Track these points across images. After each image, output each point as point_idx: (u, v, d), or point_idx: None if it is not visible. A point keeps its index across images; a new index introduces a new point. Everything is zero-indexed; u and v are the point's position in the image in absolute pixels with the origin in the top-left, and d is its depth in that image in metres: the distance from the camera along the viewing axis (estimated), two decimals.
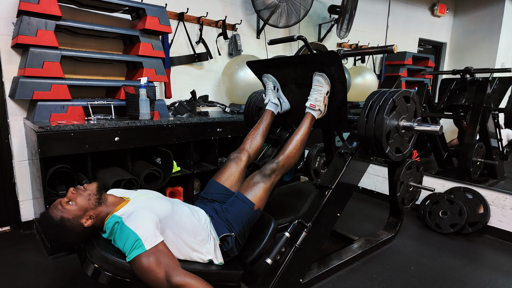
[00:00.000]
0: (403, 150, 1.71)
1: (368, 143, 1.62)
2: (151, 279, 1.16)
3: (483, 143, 2.90)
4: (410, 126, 1.62)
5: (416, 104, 1.69)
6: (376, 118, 1.56)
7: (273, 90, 1.91)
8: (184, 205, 1.53)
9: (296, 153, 1.67)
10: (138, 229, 1.20)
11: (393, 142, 1.63)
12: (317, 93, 1.64)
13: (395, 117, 1.60)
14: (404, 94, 1.61)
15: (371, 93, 1.65)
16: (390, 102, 1.55)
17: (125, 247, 1.20)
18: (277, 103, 1.91)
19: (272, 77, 1.91)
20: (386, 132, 1.57)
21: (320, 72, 1.64)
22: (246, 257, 1.56)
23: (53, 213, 1.27)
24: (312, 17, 3.83)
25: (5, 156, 2.24)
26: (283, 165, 1.64)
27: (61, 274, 1.84)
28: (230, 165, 1.76)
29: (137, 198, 1.41)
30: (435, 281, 1.84)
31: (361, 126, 1.62)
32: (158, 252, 1.19)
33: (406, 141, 1.73)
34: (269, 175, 1.61)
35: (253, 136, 1.87)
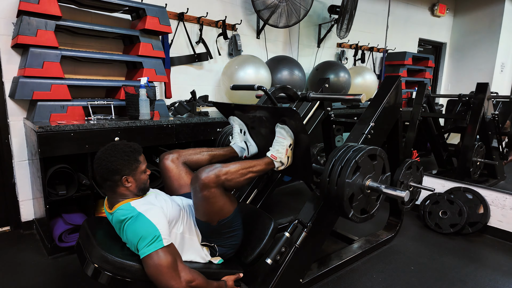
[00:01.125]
0: (369, 210, 1.55)
1: (331, 205, 1.50)
2: (164, 276, 1.17)
3: (483, 143, 2.90)
4: (376, 188, 1.47)
5: (383, 160, 1.54)
6: (337, 181, 1.41)
7: (239, 134, 1.79)
8: (191, 201, 1.51)
9: (238, 177, 1.39)
10: (158, 224, 1.21)
11: (357, 204, 1.48)
12: (279, 145, 1.54)
13: (359, 178, 1.45)
14: (369, 153, 1.47)
15: (335, 149, 1.52)
16: (353, 164, 1.40)
17: (142, 238, 1.19)
18: (243, 147, 1.78)
19: (238, 120, 1.79)
20: (349, 195, 1.42)
21: (282, 124, 1.54)
22: (246, 257, 1.56)
23: (142, 157, 1.36)
24: (312, 17, 3.84)
25: (5, 156, 2.24)
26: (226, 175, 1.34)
27: (61, 274, 1.84)
28: (171, 169, 1.62)
29: (149, 196, 1.41)
30: (435, 281, 1.84)
31: (324, 186, 1.47)
32: (172, 249, 1.22)
33: (374, 200, 1.56)
34: (206, 186, 1.31)
35: (201, 151, 1.70)
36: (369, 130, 1.75)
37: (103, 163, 1.29)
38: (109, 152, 1.30)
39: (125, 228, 1.25)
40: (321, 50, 4.00)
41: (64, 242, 2.00)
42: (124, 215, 1.27)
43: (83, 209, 2.16)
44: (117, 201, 1.33)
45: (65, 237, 2.01)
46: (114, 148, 1.32)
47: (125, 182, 1.31)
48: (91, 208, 2.08)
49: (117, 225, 1.32)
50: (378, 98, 1.88)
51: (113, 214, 1.33)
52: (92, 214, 2.09)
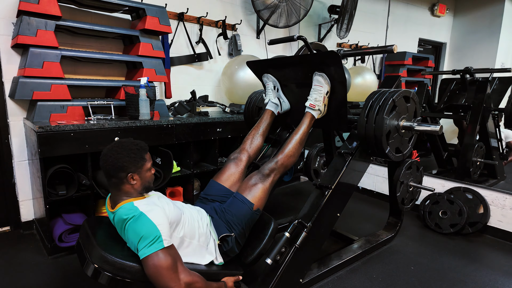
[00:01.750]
0: (403, 150, 1.71)
1: (368, 143, 1.62)
2: (163, 278, 1.17)
3: (483, 143, 2.90)
4: (410, 126, 1.61)
5: (416, 104, 1.69)
6: (376, 118, 1.55)
7: (273, 90, 1.91)
8: (192, 209, 1.54)
9: (295, 152, 1.66)
10: (160, 225, 1.22)
11: (393, 142, 1.62)
12: (317, 93, 1.64)
13: (395, 117, 1.59)
14: (404, 94, 1.61)
15: (371, 93, 1.65)
16: (390, 102, 1.54)
17: (142, 238, 1.19)
18: (277, 103, 1.91)
19: (272, 77, 1.90)
20: (386, 132, 1.56)
21: (320, 72, 1.63)
22: (246, 257, 1.56)
23: (148, 155, 1.38)
24: (312, 17, 3.83)
25: (5, 156, 2.24)
26: (282, 164, 1.64)
27: (61, 274, 1.84)
28: (230, 166, 1.76)
29: (152, 197, 1.41)
30: (435, 281, 1.84)
31: (361, 126, 1.61)
32: (172, 251, 1.23)
33: (406, 141, 1.72)
34: (268, 174, 1.60)
35: (253, 136, 1.87)
36: None
37: (110, 160, 1.29)
38: (115, 149, 1.31)
39: (127, 227, 1.25)
40: None
41: (64, 242, 2.00)
42: (126, 214, 1.27)
43: (83, 209, 2.16)
44: (120, 199, 1.33)
45: (65, 237, 2.01)
46: (121, 145, 1.32)
47: (130, 180, 1.31)
48: (91, 208, 2.08)
49: (118, 224, 1.32)
50: None
51: (115, 213, 1.32)
52: (92, 214, 2.09)
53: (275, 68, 1.87)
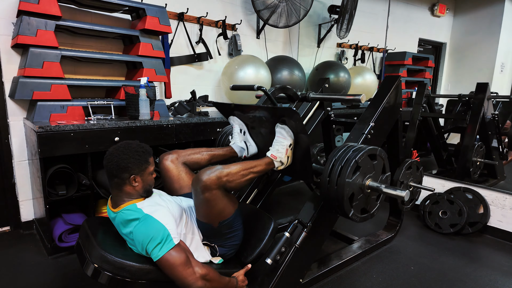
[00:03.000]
0: (370, 210, 1.56)
1: (331, 205, 1.50)
2: (181, 273, 1.19)
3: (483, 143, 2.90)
4: (376, 187, 1.47)
5: (383, 160, 1.55)
6: (338, 180, 1.41)
7: (239, 133, 1.79)
8: (190, 201, 1.52)
9: (239, 178, 1.39)
10: (167, 224, 1.22)
11: (357, 204, 1.48)
12: (279, 145, 1.54)
13: (359, 178, 1.46)
14: (369, 153, 1.47)
15: (335, 149, 1.53)
16: (353, 164, 1.41)
17: (152, 240, 1.19)
18: (243, 147, 1.78)
19: (239, 120, 1.79)
20: (349, 195, 1.43)
21: (282, 124, 1.54)
22: (246, 257, 1.56)
23: (152, 158, 1.37)
24: (312, 17, 3.83)
25: (5, 156, 2.24)
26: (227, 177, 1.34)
27: (61, 274, 1.84)
28: (170, 170, 1.63)
29: (154, 196, 1.41)
30: (435, 281, 1.84)
31: (324, 186, 1.48)
32: (182, 246, 1.25)
33: (374, 199, 1.57)
34: (207, 188, 1.30)
35: (200, 151, 1.70)
36: (369, 130, 1.75)
37: (115, 159, 1.29)
38: (121, 149, 1.31)
39: (133, 230, 1.25)
40: (321, 50, 4.00)
41: (64, 242, 2.00)
42: (131, 216, 1.27)
43: (83, 209, 2.16)
44: (122, 200, 1.33)
45: (65, 237, 2.01)
46: (127, 146, 1.33)
47: (132, 181, 1.31)
48: (91, 208, 2.08)
49: (121, 224, 1.32)
50: (378, 98, 1.88)
51: (117, 214, 1.33)
52: (92, 214, 2.09)
53: (241, 111, 1.75)
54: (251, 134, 1.80)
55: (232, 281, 1.39)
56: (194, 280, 1.21)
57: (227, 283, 1.36)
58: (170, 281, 1.24)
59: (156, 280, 1.26)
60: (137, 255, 1.28)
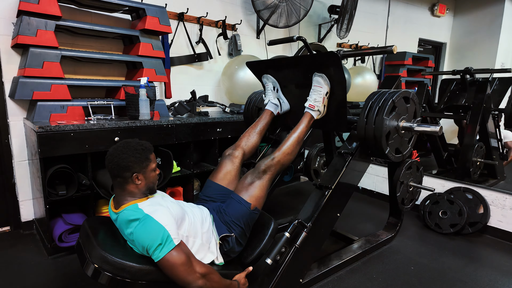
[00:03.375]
0: (402, 151, 1.71)
1: (368, 144, 1.62)
2: (182, 273, 1.20)
3: (483, 143, 2.90)
4: (409, 126, 1.61)
5: (416, 104, 1.69)
6: (375, 119, 1.55)
7: (272, 91, 1.90)
8: (195, 208, 1.54)
9: (293, 150, 1.65)
10: (167, 225, 1.23)
11: (392, 142, 1.62)
12: (316, 94, 1.64)
13: (394, 118, 1.59)
14: (403, 95, 1.60)
15: (371, 93, 1.65)
16: (390, 103, 1.54)
17: (152, 241, 1.19)
18: (277, 104, 1.91)
19: (272, 78, 1.90)
20: (386, 133, 1.56)
21: (320, 73, 1.63)
22: (246, 257, 1.56)
23: (152, 155, 1.39)
24: (312, 17, 3.83)
25: (5, 156, 2.24)
26: (279, 161, 1.62)
27: (61, 274, 1.84)
28: (226, 163, 1.75)
29: (156, 197, 1.41)
30: (435, 281, 1.84)
31: (361, 126, 1.61)
32: (183, 247, 1.25)
33: (406, 141, 1.72)
34: (264, 171, 1.59)
35: (250, 134, 1.86)
36: None
37: (115, 159, 1.30)
38: (121, 149, 1.32)
39: (134, 231, 1.25)
40: None
41: (64, 242, 2.00)
42: (131, 216, 1.27)
43: (83, 209, 2.16)
44: (124, 199, 1.33)
45: (65, 237, 2.01)
46: (127, 145, 1.33)
47: (135, 180, 1.31)
48: (91, 208, 2.08)
49: (122, 225, 1.32)
50: None
51: (118, 214, 1.33)
52: (92, 214, 2.09)
53: (274, 69, 1.86)
54: (283, 92, 1.92)
55: (233, 284, 1.39)
56: (194, 279, 1.22)
57: (229, 285, 1.36)
58: (170, 281, 1.24)
59: (156, 281, 1.26)
60: (138, 256, 1.28)
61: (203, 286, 1.23)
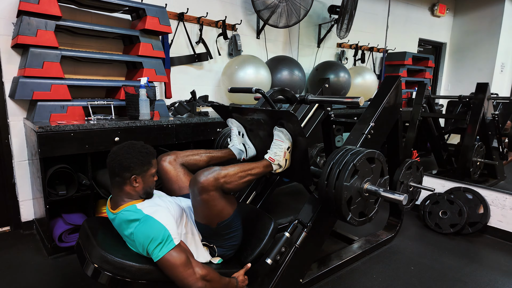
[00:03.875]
0: (368, 213, 1.55)
1: (329, 208, 1.50)
2: (181, 274, 1.20)
3: (483, 143, 2.90)
4: (375, 191, 1.46)
5: (382, 163, 1.54)
6: (336, 184, 1.41)
7: (238, 136, 1.77)
8: (190, 202, 1.52)
9: (235, 180, 1.38)
10: (168, 225, 1.22)
11: (355, 207, 1.48)
12: (277, 148, 1.54)
13: (357, 181, 1.45)
14: (367, 156, 1.46)
15: (333, 152, 1.52)
16: (351, 167, 1.40)
17: (153, 241, 1.19)
18: (242, 149, 1.77)
19: (237, 122, 1.78)
20: (347, 199, 1.42)
21: (280, 127, 1.53)
22: (246, 257, 1.56)
23: (154, 160, 1.37)
24: (312, 17, 3.84)
25: (5, 156, 2.24)
26: (224, 178, 1.33)
27: (61, 274, 1.84)
28: (169, 171, 1.62)
29: (153, 197, 1.41)
30: (435, 281, 1.84)
31: (322, 189, 1.47)
32: (183, 247, 1.25)
33: (372, 203, 1.56)
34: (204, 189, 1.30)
35: (199, 153, 1.70)
36: (369, 130, 1.76)
37: (118, 158, 1.29)
38: (125, 149, 1.31)
39: (134, 231, 1.25)
40: (321, 50, 4.00)
41: (64, 242, 2.00)
42: (130, 217, 1.27)
43: (83, 209, 2.16)
44: (122, 200, 1.33)
45: (65, 237, 2.01)
46: (132, 146, 1.33)
47: (133, 182, 1.31)
48: (91, 208, 2.08)
49: (121, 225, 1.32)
50: (378, 98, 1.88)
51: (116, 215, 1.32)
52: (92, 214, 2.09)
53: (239, 114, 1.74)
54: (249, 137, 1.79)
55: (232, 282, 1.39)
56: (194, 281, 1.21)
57: (227, 284, 1.36)
58: (170, 281, 1.24)
59: (156, 280, 1.26)
60: (137, 255, 1.28)
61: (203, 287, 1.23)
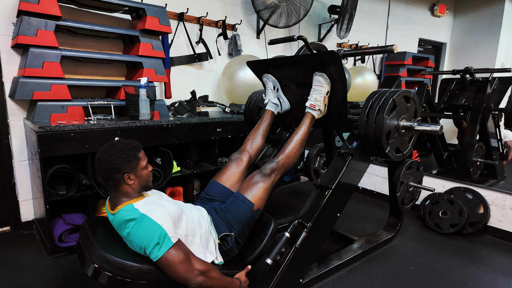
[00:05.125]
0: (403, 150, 1.71)
1: (368, 143, 1.63)
2: (181, 271, 1.20)
3: (483, 143, 2.90)
4: (410, 126, 1.62)
5: (416, 104, 1.69)
6: (376, 118, 1.55)
7: (273, 90, 1.90)
8: (193, 208, 1.54)
9: (296, 152, 1.66)
10: (164, 224, 1.23)
11: (393, 142, 1.62)
12: (317, 93, 1.64)
13: (395, 117, 1.60)
14: (404, 94, 1.61)
15: (371, 93, 1.65)
16: (390, 102, 1.54)
17: (150, 240, 1.20)
18: (277, 103, 1.91)
19: (272, 77, 1.90)
20: (386, 132, 1.56)
21: (320, 72, 1.63)
22: (246, 257, 1.56)
23: (141, 153, 1.37)
24: (312, 17, 3.83)
25: (5, 156, 2.24)
26: (283, 165, 1.64)
27: (61, 274, 1.84)
28: (231, 166, 1.76)
29: (152, 196, 1.41)
30: (435, 281, 1.84)
31: (361, 125, 1.61)
32: (181, 245, 1.25)
33: (406, 141, 1.72)
34: (269, 174, 1.61)
35: (254, 137, 1.87)
36: None
37: (103, 163, 1.29)
38: (107, 151, 1.30)
39: (130, 231, 1.25)
40: None
41: (64, 242, 2.00)
42: (127, 216, 1.27)
43: (83, 209, 2.16)
44: (120, 200, 1.33)
45: (65, 237, 2.01)
46: (112, 147, 1.32)
47: (127, 180, 1.31)
48: (91, 208, 2.08)
49: (119, 226, 1.32)
50: None
51: (115, 215, 1.32)
52: (92, 214, 2.09)
53: (275, 68, 1.86)
54: (284, 92, 1.93)
55: (235, 282, 1.40)
56: (194, 276, 1.22)
57: (230, 283, 1.36)
58: (170, 281, 1.25)
59: (156, 280, 1.26)
60: (137, 255, 1.28)
61: (202, 282, 1.23)
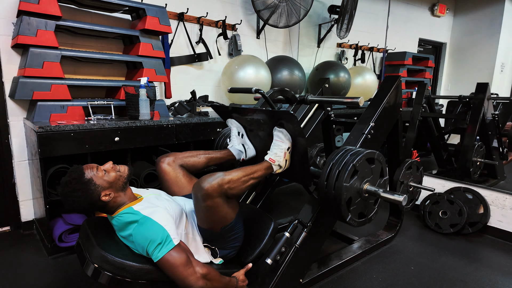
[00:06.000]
0: (367, 214, 1.55)
1: (329, 209, 1.49)
2: (181, 274, 1.19)
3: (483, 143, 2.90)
4: (374, 191, 1.46)
5: (381, 163, 1.53)
6: (335, 184, 1.40)
7: (237, 136, 1.76)
8: (189, 202, 1.52)
9: (238, 185, 1.37)
10: (166, 226, 1.22)
11: (355, 208, 1.47)
12: (277, 148, 1.53)
13: (357, 182, 1.44)
14: (367, 157, 1.46)
15: (333, 152, 1.51)
16: (350, 168, 1.39)
17: (152, 242, 1.19)
18: (241, 150, 1.75)
19: (236, 123, 1.77)
20: (346, 199, 1.41)
21: (280, 128, 1.53)
22: (246, 257, 1.56)
23: (87, 171, 1.30)
24: (312, 17, 3.84)
25: (5, 156, 2.24)
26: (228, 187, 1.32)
27: (61, 274, 1.84)
28: (168, 172, 1.62)
29: (150, 197, 1.41)
30: (435, 281, 1.84)
31: (321, 190, 1.47)
32: (182, 247, 1.25)
33: (371, 204, 1.55)
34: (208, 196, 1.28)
35: (197, 154, 1.70)
36: (369, 130, 1.76)
37: (75, 205, 1.29)
38: (65, 198, 1.29)
39: (133, 232, 1.25)
40: (321, 50, 4.00)
41: (64, 242, 2.00)
42: (128, 219, 1.28)
43: None
44: (115, 208, 1.34)
45: (65, 237, 2.01)
46: (64, 191, 1.29)
47: (105, 198, 1.30)
48: None
49: (119, 227, 1.32)
50: (378, 98, 1.88)
51: (114, 218, 1.33)
52: (92, 214, 2.09)
53: (239, 114, 1.73)
54: (249, 137, 1.78)
55: (232, 281, 1.39)
56: (195, 280, 1.21)
57: (228, 283, 1.36)
58: (170, 281, 1.24)
59: (156, 280, 1.26)
60: (137, 255, 1.28)
61: (204, 286, 1.23)
